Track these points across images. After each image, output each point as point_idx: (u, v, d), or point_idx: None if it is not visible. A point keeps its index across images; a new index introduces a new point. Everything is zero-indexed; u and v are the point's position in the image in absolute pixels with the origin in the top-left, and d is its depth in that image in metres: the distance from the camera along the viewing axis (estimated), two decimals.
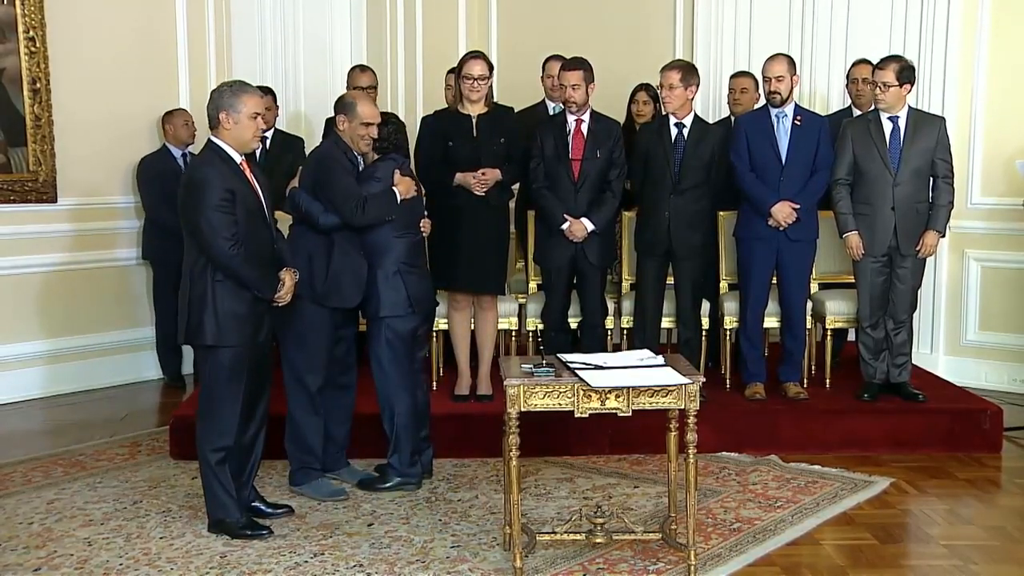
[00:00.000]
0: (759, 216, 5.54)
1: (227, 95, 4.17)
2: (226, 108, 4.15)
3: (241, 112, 4.14)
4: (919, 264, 5.61)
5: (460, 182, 5.38)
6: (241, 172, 4.19)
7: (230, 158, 4.18)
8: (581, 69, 5.44)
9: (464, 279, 5.48)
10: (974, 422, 5.47)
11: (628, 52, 7.18)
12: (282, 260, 4.35)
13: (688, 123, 5.57)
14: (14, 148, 6.49)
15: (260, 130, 4.25)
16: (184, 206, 4.16)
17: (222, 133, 4.18)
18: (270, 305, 4.27)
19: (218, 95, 4.20)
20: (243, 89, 4.20)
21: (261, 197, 4.25)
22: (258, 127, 4.21)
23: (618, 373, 3.83)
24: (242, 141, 4.19)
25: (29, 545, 4.23)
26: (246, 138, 4.19)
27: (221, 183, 4.08)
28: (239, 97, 4.15)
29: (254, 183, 4.24)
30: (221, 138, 4.19)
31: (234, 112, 4.14)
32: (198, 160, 4.28)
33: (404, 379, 4.78)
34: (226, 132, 4.17)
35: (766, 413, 5.55)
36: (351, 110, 4.71)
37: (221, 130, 4.18)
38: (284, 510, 4.51)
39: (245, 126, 4.16)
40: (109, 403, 6.54)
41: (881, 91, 5.40)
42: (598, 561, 4.03)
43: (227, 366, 4.19)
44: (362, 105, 4.73)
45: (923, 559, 4.18)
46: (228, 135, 4.17)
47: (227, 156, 4.17)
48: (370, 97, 5.55)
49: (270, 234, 4.29)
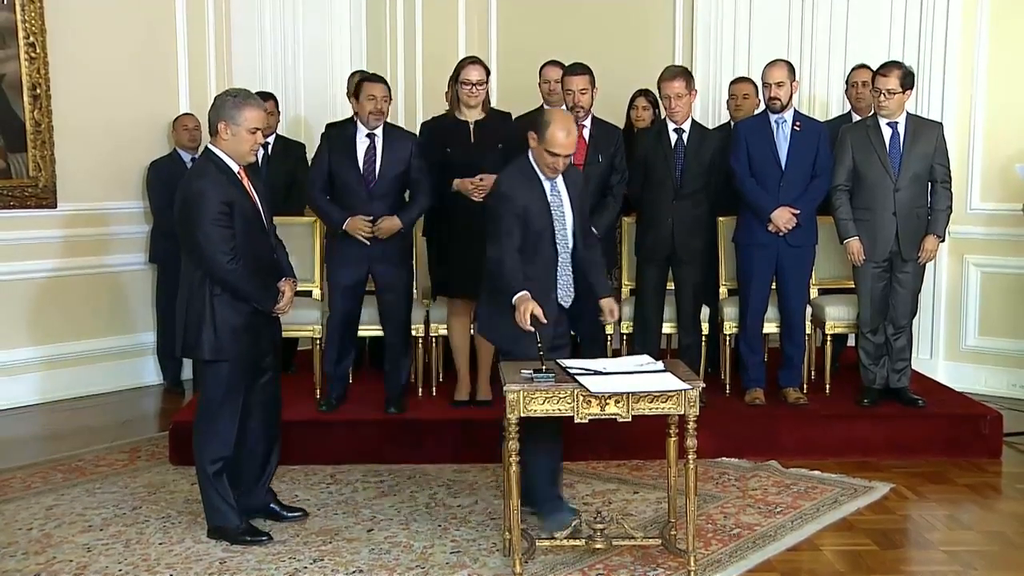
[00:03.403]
0: (759, 222, 5.54)
1: (229, 105, 4.13)
2: (226, 119, 4.12)
3: (241, 125, 4.11)
4: (919, 269, 5.61)
5: (458, 188, 5.38)
6: (238, 181, 4.17)
7: (228, 168, 4.15)
8: (587, 74, 5.44)
9: (462, 285, 5.48)
10: (974, 427, 5.47)
11: (627, 58, 7.18)
12: (281, 269, 4.35)
13: (687, 128, 5.58)
14: (14, 154, 6.49)
15: (258, 144, 4.22)
16: (181, 220, 4.15)
17: (220, 142, 4.16)
18: (268, 315, 4.27)
19: (220, 104, 4.17)
20: (246, 102, 4.15)
21: (259, 205, 4.24)
22: (256, 141, 4.18)
23: (618, 378, 3.83)
24: (239, 153, 4.16)
25: (28, 551, 4.22)
26: (243, 151, 4.16)
27: (217, 195, 4.06)
28: (240, 110, 4.12)
29: (252, 192, 4.22)
30: (219, 147, 4.17)
31: (233, 124, 4.12)
32: (194, 172, 4.25)
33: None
34: (224, 142, 4.15)
35: (766, 418, 5.55)
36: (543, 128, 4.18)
37: (219, 139, 4.16)
38: (299, 513, 4.53)
39: (243, 139, 4.13)
40: (108, 409, 6.54)
41: (885, 98, 5.40)
42: (598, 567, 4.03)
43: (226, 379, 4.20)
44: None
45: (923, 565, 4.18)
46: (225, 145, 4.15)
47: (224, 166, 4.15)
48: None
49: (268, 243, 4.29)
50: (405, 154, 5.37)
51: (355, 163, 5.34)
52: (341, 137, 5.45)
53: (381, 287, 5.50)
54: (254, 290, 4.16)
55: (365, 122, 5.35)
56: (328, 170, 5.37)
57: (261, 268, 4.21)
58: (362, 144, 5.36)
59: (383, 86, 5.37)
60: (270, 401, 4.44)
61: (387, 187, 5.36)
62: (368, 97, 5.31)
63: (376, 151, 5.36)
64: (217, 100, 4.20)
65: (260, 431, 4.41)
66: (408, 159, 5.38)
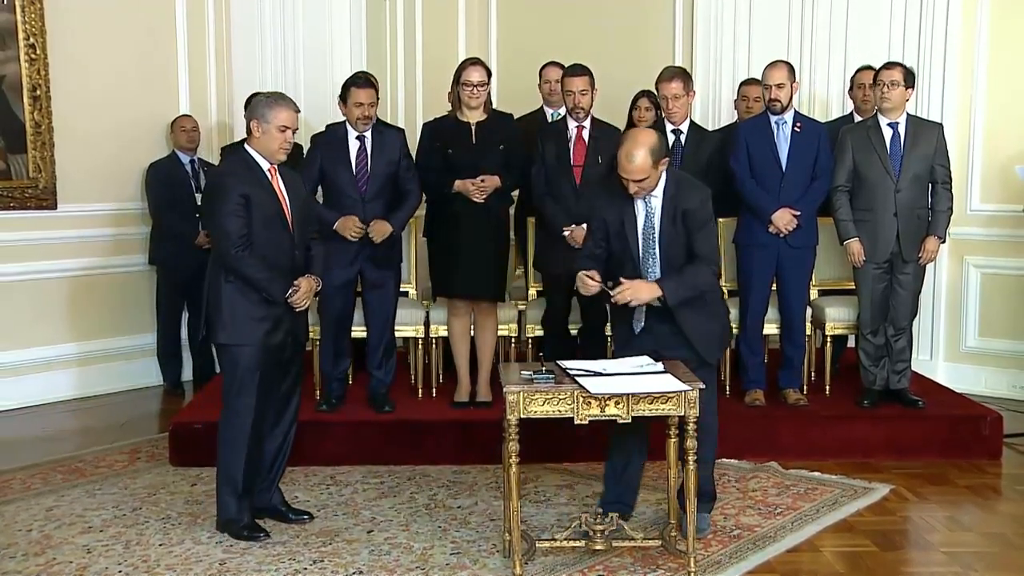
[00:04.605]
0: (759, 223, 5.54)
1: (261, 105, 4.30)
2: (257, 117, 4.28)
3: (271, 123, 4.25)
4: (920, 270, 5.61)
5: (459, 189, 5.38)
6: (265, 179, 4.28)
7: (256, 165, 4.29)
8: (587, 75, 5.45)
9: (463, 285, 5.49)
10: (974, 429, 5.46)
11: (627, 59, 7.19)
12: (305, 268, 4.40)
13: (685, 129, 5.58)
14: (14, 155, 6.49)
15: (288, 143, 4.32)
16: (205, 212, 4.39)
17: (252, 141, 4.32)
18: (288, 309, 4.30)
19: (254, 103, 4.36)
20: (277, 101, 4.31)
21: (285, 204, 4.31)
22: (286, 140, 4.29)
23: (618, 380, 3.83)
24: (269, 151, 4.29)
25: (28, 552, 4.22)
26: (272, 148, 4.28)
27: (236, 188, 4.20)
28: (271, 108, 4.27)
29: (280, 191, 4.31)
30: (252, 146, 4.32)
31: (264, 122, 4.26)
32: (220, 167, 4.49)
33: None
34: (255, 140, 4.30)
35: (766, 420, 5.55)
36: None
37: (252, 138, 4.32)
38: (305, 516, 4.55)
39: (272, 137, 4.26)
40: (108, 410, 6.54)
41: (888, 89, 5.39)
42: (598, 568, 4.03)
43: (239, 364, 4.27)
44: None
45: (923, 566, 4.18)
46: (257, 143, 4.30)
47: (253, 163, 4.29)
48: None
49: (290, 241, 4.33)
50: (395, 154, 5.45)
51: (348, 165, 5.39)
52: (332, 141, 5.47)
53: (367, 285, 5.52)
54: (262, 278, 4.21)
55: (353, 126, 5.40)
56: (320, 175, 5.41)
57: (277, 263, 4.27)
58: (353, 146, 5.41)
59: (370, 91, 5.41)
60: (287, 399, 4.49)
61: (380, 187, 5.40)
62: (356, 104, 5.36)
63: (367, 152, 5.40)
64: (251, 99, 4.41)
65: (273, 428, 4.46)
66: (398, 160, 5.44)
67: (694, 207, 4.10)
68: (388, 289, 5.55)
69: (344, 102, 5.45)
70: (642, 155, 4.00)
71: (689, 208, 4.10)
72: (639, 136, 4.10)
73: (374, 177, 5.40)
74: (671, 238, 4.13)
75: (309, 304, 4.42)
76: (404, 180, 5.48)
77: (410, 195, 5.49)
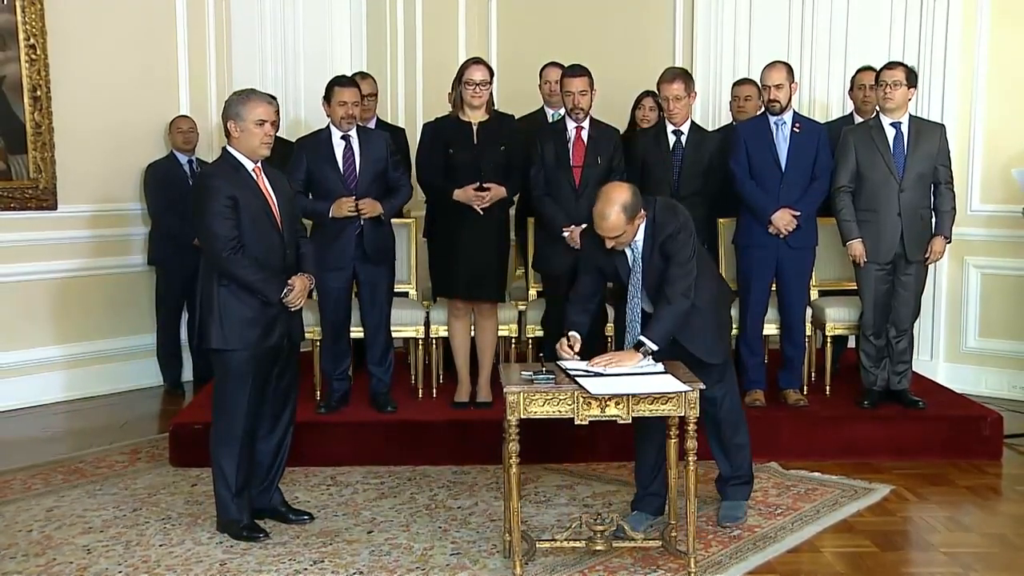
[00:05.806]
0: (758, 223, 5.54)
1: (234, 104, 4.26)
2: (233, 117, 4.24)
3: (247, 119, 4.21)
4: (922, 271, 5.61)
5: (460, 199, 5.37)
6: (251, 179, 4.25)
7: (241, 166, 4.26)
8: (586, 75, 5.45)
9: (463, 286, 5.48)
10: (974, 429, 5.46)
11: (627, 59, 7.18)
12: (298, 266, 4.39)
13: (686, 130, 5.58)
14: (14, 155, 6.49)
15: (269, 136, 4.28)
16: (193, 215, 4.31)
17: (233, 142, 4.28)
18: (283, 309, 4.29)
19: (227, 105, 4.30)
20: (249, 97, 4.27)
21: (272, 203, 4.29)
22: (265, 133, 4.25)
23: (618, 380, 3.83)
24: (250, 148, 4.25)
25: (28, 553, 4.22)
26: (253, 145, 4.25)
27: (222, 191, 4.16)
28: (245, 105, 4.23)
29: (266, 190, 4.29)
30: (233, 147, 4.28)
31: (240, 120, 4.22)
32: (207, 170, 4.42)
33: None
34: (236, 140, 4.26)
35: (766, 420, 5.53)
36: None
37: (232, 139, 4.28)
38: (305, 517, 4.55)
39: (251, 133, 4.22)
40: (108, 410, 6.54)
41: (891, 89, 5.39)
42: (598, 568, 4.03)
43: (233, 369, 4.25)
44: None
45: (923, 566, 4.17)
46: (237, 143, 4.26)
47: (238, 164, 4.26)
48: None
49: (280, 240, 4.31)
50: (382, 153, 5.45)
51: (335, 166, 5.39)
52: (317, 144, 5.46)
53: (361, 285, 5.52)
54: (256, 280, 4.20)
55: (337, 126, 5.40)
56: (307, 176, 5.40)
57: (269, 263, 4.25)
58: (339, 145, 5.41)
59: (354, 90, 5.41)
60: (284, 400, 4.48)
61: (369, 182, 5.40)
62: (339, 103, 5.36)
63: (354, 152, 5.41)
64: (225, 103, 4.32)
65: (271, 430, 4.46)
66: (385, 158, 5.45)
67: (670, 233, 4.11)
68: (382, 286, 5.55)
69: (328, 102, 5.45)
70: (615, 213, 3.99)
71: (667, 235, 4.11)
72: (612, 193, 4.05)
73: (363, 172, 5.39)
74: (653, 267, 4.16)
75: (304, 303, 4.41)
76: (393, 178, 5.50)
77: (400, 189, 5.52)
